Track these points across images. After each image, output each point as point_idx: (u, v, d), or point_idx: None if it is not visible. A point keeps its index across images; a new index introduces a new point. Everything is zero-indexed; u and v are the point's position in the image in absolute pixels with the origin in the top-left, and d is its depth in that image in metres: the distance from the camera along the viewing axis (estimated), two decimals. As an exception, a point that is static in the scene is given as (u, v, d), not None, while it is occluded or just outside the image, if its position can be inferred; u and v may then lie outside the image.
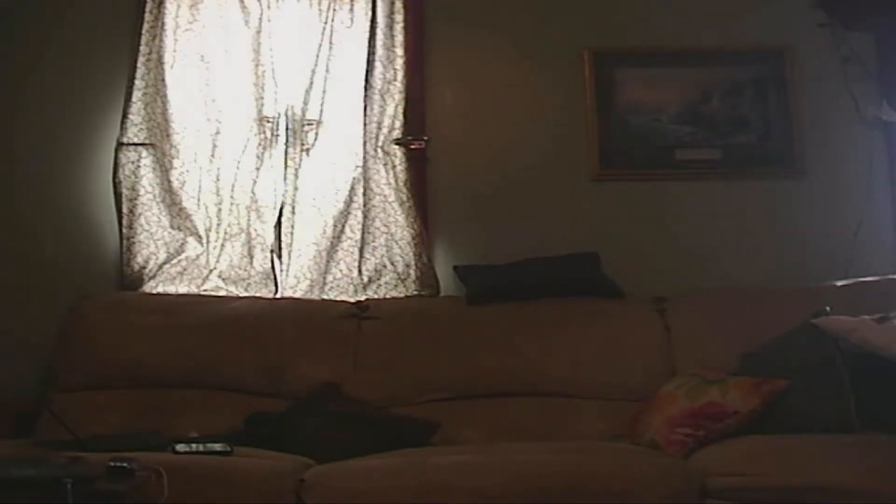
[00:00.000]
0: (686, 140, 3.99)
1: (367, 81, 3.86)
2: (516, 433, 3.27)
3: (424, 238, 3.82)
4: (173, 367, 3.44)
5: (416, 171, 3.89)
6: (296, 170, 3.81)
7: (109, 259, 3.81)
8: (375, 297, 3.77)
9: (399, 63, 3.89)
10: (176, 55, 3.82)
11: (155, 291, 3.71)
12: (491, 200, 3.93)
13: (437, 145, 3.95)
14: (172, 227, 3.78)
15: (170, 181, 3.77)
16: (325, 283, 3.78)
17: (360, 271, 3.79)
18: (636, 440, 3.05)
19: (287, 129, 3.86)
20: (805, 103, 3.99)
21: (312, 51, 3.84)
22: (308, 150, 3.84)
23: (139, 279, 3.73)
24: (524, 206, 3.92)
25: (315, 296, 3.75)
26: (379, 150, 3.86)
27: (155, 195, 3.78)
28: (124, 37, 3.88)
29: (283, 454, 2.91)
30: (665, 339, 3.50)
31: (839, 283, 3.55)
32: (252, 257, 3.78)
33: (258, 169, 3.81)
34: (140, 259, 3.74)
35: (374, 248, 3.82)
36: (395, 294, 3.79)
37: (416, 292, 3.79)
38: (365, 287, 3.78)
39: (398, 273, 3.81)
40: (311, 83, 3.83)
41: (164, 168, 3.78)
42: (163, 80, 3.79)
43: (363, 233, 3.81)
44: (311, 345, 3.51)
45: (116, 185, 3.77)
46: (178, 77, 3.81)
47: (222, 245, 3.79)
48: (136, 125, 3.80)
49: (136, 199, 3.77)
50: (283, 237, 3.81)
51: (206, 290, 3.72)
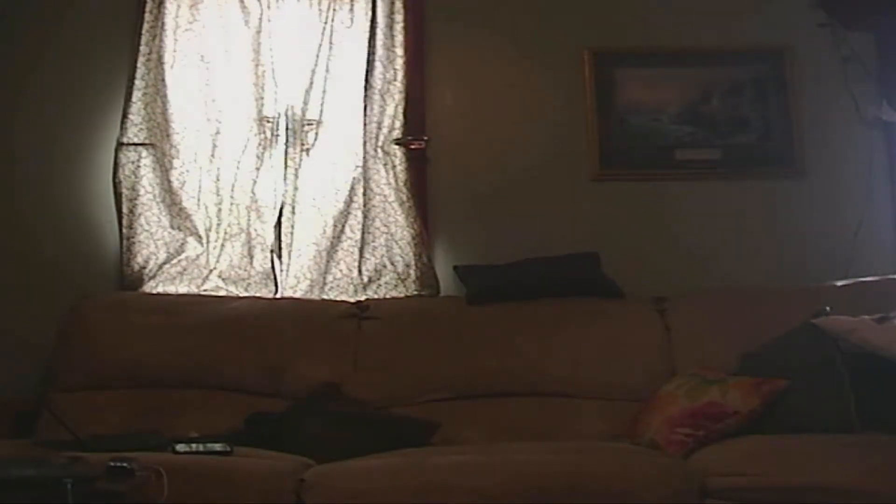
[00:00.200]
0: (686, 140, 3.99)
1: (367, 81, 3.86)
2: (516, 433, 3.27)
3: (424, 238, 3.82)
4: (173, 367, 3.44)
5: (416, 171, 3.89)
6: (296, 170, 3.81)
7: (109, 259, 3.81)
8: (375, 297, 3.77)
9: (399, 63, 3.89)
10: (176, 55, 3.82)
11: (155, 291, 3.71)
12: (491, 200, 3.93)
13: (437, 145, 3.95)
14: (172, 227, 3.78)
15: (170, 181, 3.77)
16: (325, 283, 3.78)
17: (360, 271, 3.79)
18: (636, 440, 3.05)
19: (287, 129, 3.86)
20: (805, 103, 4.00)
21: (312, 51, 3.84)
22: (308, 150, 3.84)
23: (139, 279, 3.73)
24: (524, 206, 3.92)
25: (315, 296, 3.75)
26: (379, 150, 3.86)
27: (155, 195, 3.78)
28: (124, 37, 3.88)
29: (283, 454, 2.91)
30: (665, 339, 3.50)
31: (839, 283, 3.55)
32: (252, 257, 3.78)
33: (258, 169, 3.81)
34: (140, 259, 3.74)
35: (374, 248, 3.82)
36: (395, 294, 3.79)
37: (416, 292, 3.79)
38: (365, 287, 3.78)
39: (398, 273, 3.81)
40: (311, 83, 3.83)
41: (164, 168, 3.78)
42: (163, 80, 3.79)
43: (363, 233, 3.81)
44: (311, 345, 3.51)
45: (116, 185, 3.77)
46: (178, 77, 3.81)
47: (222, 245, 3.79)
48: (136, 125, 3.80)
49: (136, 199, 3.77)
50: (283, 237, 3.81)
51: (206, 290, 3.72)
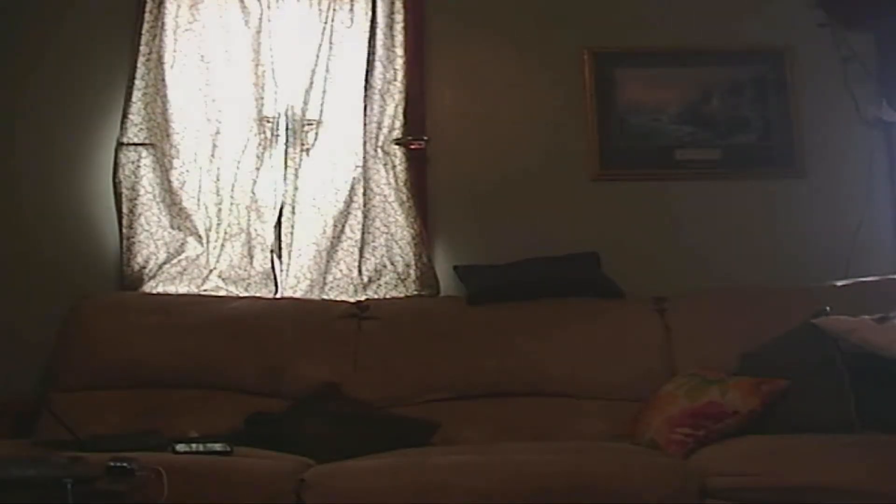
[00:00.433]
0: (686, 140, 3.99)
1: (367, 81, 3.85)
2: (516, 433, 3.26)
3: (424, 238, 3.82)
4: (173, 367, 3.44)
5: (416, 171, 3.89)
6: (296, 170, 3.81)
7: (109, 259, 3.81)
8: (375, 297, 3.77)
9: (399, 63, 3.89)
10: (176, 55, 3.82)
11: (155, 291, 3.71)
12: (491, 200, 3.93)
13: (437, 145, 3.95)
14: (172, 227, 3.78)
15: (170, 181, 3.77)
16: (325, 283, 3.78)
17: (360, 271, 3.79)
18: (636, 440, 3.05)
19: (287, 129, 3.86)
20: (805, 103, 4.00)
21: (312, 51, 3.84)
22: (308, 150, 3.84)
23: (139, 279, 3.73)
24: (524, 206, 3.92)
25: (315, 296, 3.75)
26: (379, 150, 3.85)
27: (155, 195, 3.78)
28: (124, 37, 3.88)
29: (283, 454, 2.91)
30: (665, 339, 3.50)
31: (839, 283, 3.55)
32: (252, 257, 3.78)
33: (258, 169, 3.81)
34: (140, 259, 3.74)
35: (374, 248, 3.82)
36: (395, 294, 3.79)
37: (416, 292, 3.79)
38: (365, 287, 3.78)
39: (398, 273, 3.81)
40: (311, 83, 3.83)
41: (164, 168, 3.78)
42: (163, 80, 3.79)
43: (363, 233, 3.81)
44: (311, 345, 3.51)
45: (116, 185, 3.77)
46: (178, 77, 3.81)
47: (222, 245, 3.79)
48: (136, 125, 3.80)
49: (136, 199, 3.76)
50: (283, 237, 3.81)
51: (206, 290, 3.72)
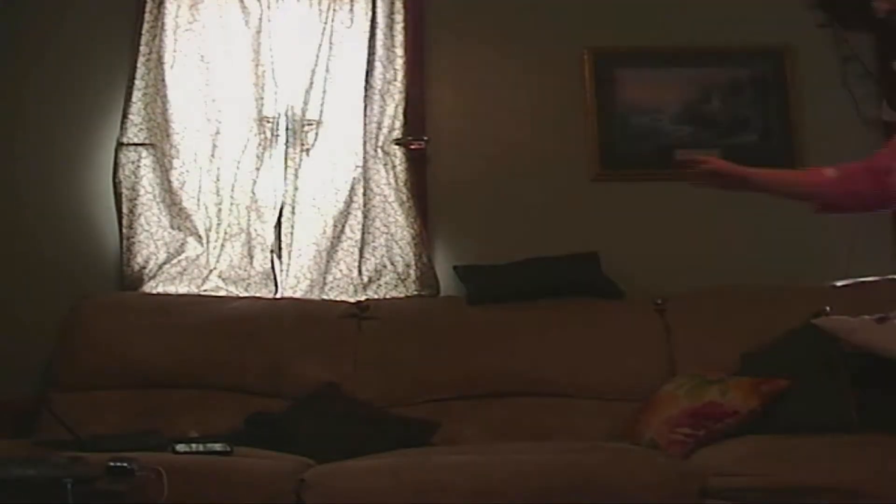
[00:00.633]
0: (686, 140, 3.99)
1: (367, 81, 3.85)
2: (516, 433, 3.26)
3: (424, 238, 3.82)
4: (173, 367, 3.44)
5: (416, 171, 3.89)
6: (296, 170, 3.81)
7: (109, 259, 3.81)
8: (375, 297, 3.77)
9: (399, 63, 3.89)
10: (176, 55, 3.81)
11: (155, 291, 3.71)
12: (491, 200, 3.93)
13: (437, 145, 3.94)
14: (172, 227, 3.78)
15: (170, 181, 3.77)
16: (325, 283, 3.78)
17: (360, 271, 3.79)
18: (636, 440, 3.05)
19: (287, 129, 3.85)
20: (805, 103, 3.99)
21: (312, 51, 3.84)
22: (308, 150, 3.84)
23: (139, 279, 3.73)
24: (524, 206, 3.92)
25: (315, 296, 3.75)
26: (379, 150, 3.85)
27: (155, 195, 3.78)
28: (124, 37, 3.87)
29: (283, 454, 2.91)
30: (665, 339, 3.50)
31: (839, 283, 3.55)
32: (252, 257, 3.78)
33: (258, 169, 3.81)
34: (140, 259, 3.74)
35: (374, 248, 3.82)
36: (395, 294, 3.78)
37: (416, 292, 3.79)
38: (365, 287, 3.78)
39: (398, 273, 3.80)
40: (311, 83, 3.83)
41: (164, 168, 3.78)
42: (163, 80, 3.79)
43: (363, 233, 3.81)
44: (311, 345, 3.51)
45: (116, 185, 3.76)
46: (178, 77, 3.81)
47: (222, 245, 3.79)
48: (136, 125, 3.80)
49: (136, 199, 3.76)
50: (283, 237, 3.81)
51: (206, 290, 3.72)
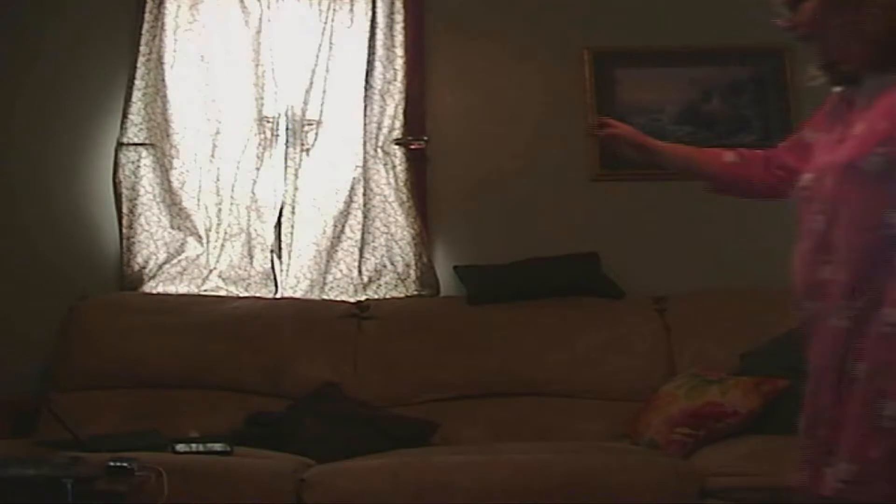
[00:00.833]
0: (686, 140, 3.96)
1: (367, 81, 3.85)
2: (516, 433, 3.27)
3: (424, 238, 3.82)
4: (173, 367, 3.44)
5: (416, 171, 3.89)
6: (296, 170, 3.81)
7: (109, 259, 3.80)
8: (375, 297, 3.77)
9: (399, 63, 3.89)
10: (176, 55, 3.81)
11: (155, 291, 3.71)
12: (491, 200, 3.92)
13: (437, 145, 3.94)
14: (172, 227, 3.78)
15: (170, 181, 3.77)
16: (325, 283, 3.78)
17: (360, 271, 3.79)
18: (636, 440, 3.05)
19: (287, 129, 3.85)
20: (805, 103, 3.99)
21: (312, 51, 3.84)
22: (308, 150, 3.83)
23: (139, 279, 3.73)
24: (524, 206, 3.91)
25: (315, 296, 3.75)
26: (379, 150, 3.85)
27: (155, 195, 3.78)
28: (124, 37, 3.87)
29: (283, 454, 2.91)
30: (665, 339, 3.50)
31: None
32: (252, 257, 3.78)
33: (258, 169, 3.80)
34: (140, 259, 3.74)
35: (374, 248, 3.82)
36: (395, 294, 3.78)
37: (416, 292, 3.79)
38: (365, 287, 3.78)
39: (398, 273, 3.80)
40: (311, 83, 3.83)
41: (164, 168, 3.78)
42: (163, 80, 3.79)
43: (363, 233, 3.80)
44: (311, 345, 3.51)
45: (116, 185, 3.76)
46: (178, 77, 3.81)
47: (222, 245, 3.79)
48: (136, 125, 3.80)
49: (136, 199, 3.76)
50: (283, 237, 3.81)
51: (206, 290, 3.72)
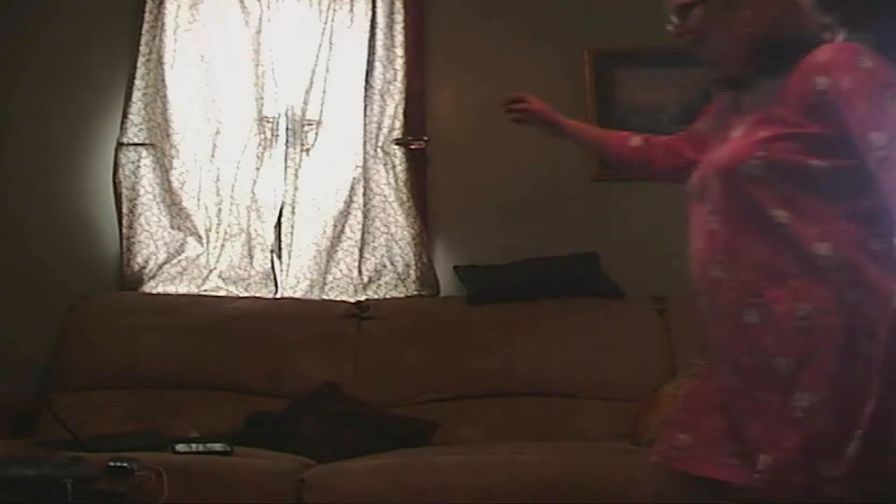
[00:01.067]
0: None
1: (367, 81, 3.85)
2: (516, 433, 3.27)
3: (424, 238, 3.82)
4: (173, 367, 3.44)
5: (416, 171, 3.89)
6: (296, 170, 3.81)
7: (109, 259, 3.80)
8: (375, 297, 3.77)
9: (399, 63, 3.89)
10: (176, 55, 3.81)
11: (155, 291, 3.70)
12: (491, 200, 3.92)
13: (437, 145, 3.94)
14: (172, 227, 3.78)
15: (170, 181, 3.77)
16: (325, 283, 3.78)
17: (360, 271, 3.79)
18: (636, 440, 3.05)
19: (287, 129, 3.85)
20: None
21: (312, 51, 3.84)
22: (308, 150, 3.84)
23: (139, 279, 3.73)
24: (524, 206, 3.91)
25: (315, 296, 3.75)
26: (379, 150, 3.85)
27: (155, 195, 3.78)
28: (124, 37, 3.87)
29: (283, 454, 2.91)
30: (665, 339, 3.50)
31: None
32: (252, 257, 3.78)
33: (258, 169, 3.80)
34: (140, 259, 3.74)
35: (374, 248, 3.82)
36: (395, 294, 3.78)
37: (416, 292, 3.79)
38: (365, 287, 3.78)
39: (398, 273, 3.81)
40: (311, 83, 3.83)
41: (164, 168, 3.78)
42: (163, 80, 3.79)
43: (363, 233, 3.81)
44: (311, 345, 3.51)
45: (116, 185, 3.76)
46: (178, 77, 3.81)
47: (222, 245, 3.79)
48: (136, 125, 3.80)
49: (136, 199, 3.76)
50: (283, 237, 3.81)
51: (206, 290, 3.72)
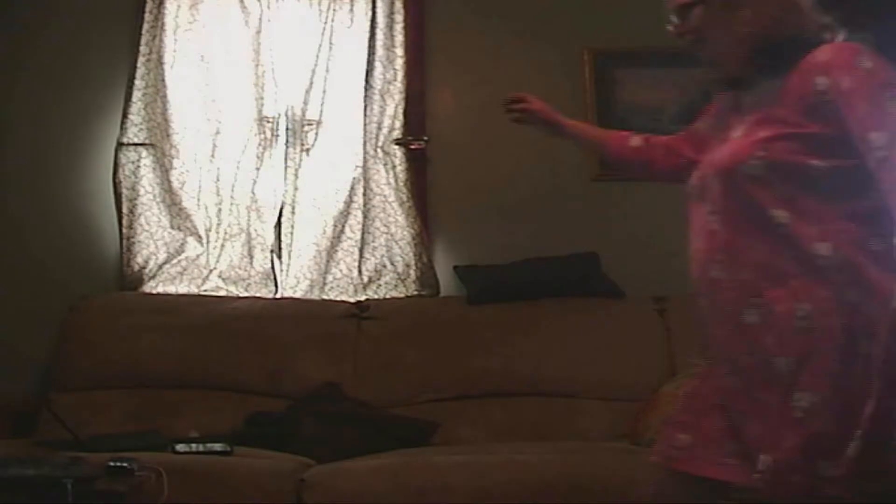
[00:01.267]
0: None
1: (367, 81, 3.85)
2: (516, 433, 3.27)
3: (424, 238, 3.82)
4: (173, 367, 3.44)
5: (416, 171, 3.89)
6: (296, 170, 3.81)
7: (109, 259, 3.80)
8: (375, 297, 3.77)
9: (399, 63, 3.89)
10: (176, 55, 3.81)
11: (155, 291, 3.70)
12: (491, 200, 3.92)
13: (437, 145, 3.94)
14: (172, 227, 3.78)
15: (170, 181, 3.77)
16: (325, 283, 3.78)
17: (360, 271, 3.79)
18: (636, 440, 3.05)
19: (287, 129, 3.86)
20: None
21: (312, 51, 3.84)
22: (308, 150, 3.84)
23: (139, 279, 3.73)
24: (524, 206, 3.91)
25: (315, 296, 3.75)
26: (379, 150, 3.85)
27: (155, 195, 3.78)
28: (124, 37, 3.87)
29: (283, 454, 2.91)
30: (665, 339, 3.50)
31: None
32: (252, 257, 3.78)
33: (258, 169, 3.80)
34: (140, 259, 3.74)
35: (374, 248, 3.82)
36: (395, 294, 3.78)
37: (416, 292, 3.79)
38: (365, 287, 3.78)
39: (398, 273, 3.80)
40: (311, 83, 3.83)
41: (164, 168, 3.78)
42: (163, 80, 3.78)
43: (363, 233, 3.81)
44: (311, 345, 3.51)
45: (116, 185, 3.76)
46: (178, 77, 3.81)
47: (222, 245, 3.79)
48: (136, 125, 3.80)
49: (136, 199, 3.76)
50: (283, 237, 3.81)
51: (206, 290, 3.72)
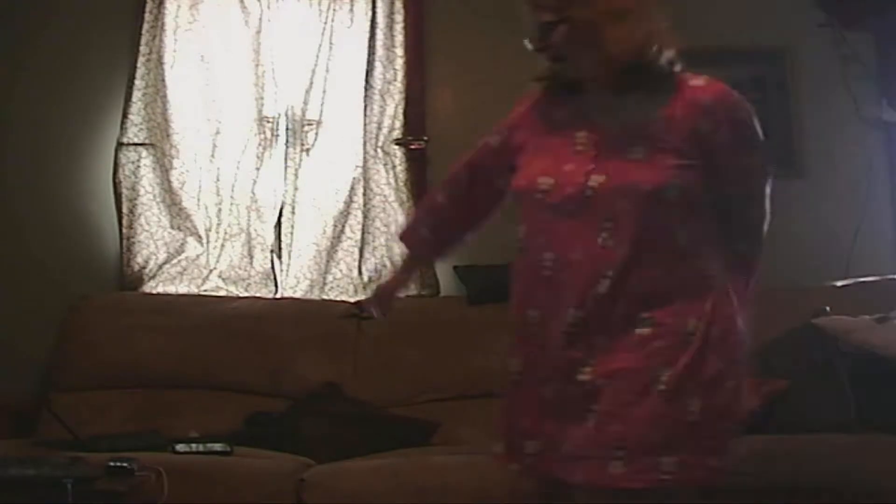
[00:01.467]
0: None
1: (367, 81, 3.85)
2: (516, 433, 3.26)
3: (424, 238, 3.82)
4: (173, 367, 3.44)
5: (416, 171, 3.89)
6: (296, 170, 3.81)
7: (109, 259, 3.80)
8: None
9: (399, 63, 3.89)
10: (176, 55, 3.81)
11: (155, 291, 3.70)
12: (491, 200, 3.92)
13: (437, 145, 3.94)
14: (172, 227, 3.78)
15: (170, 181, 3.77)
16: (325, 283, 3.78)
17: (360, 271, 3.79)
18: (636, 440, 3.04)
19: (287, 129, 3.86)
20: (805, 103, 3.99)
21: (312, 51, 3.84)
22: (308, 150, 3.84)
23: (139, 279, 3.73)
24: (524, 206, 3.91)
25: (315, 296, 3.75)
26: (379, 150, 3.85)
27: (155, 195, 3.78)
28: (124, 37, 3.87)
29: (283, 454, 2.91)
30: (664, 338, 3.50)
31: (839, 283, 3.54)
32: (252, 257, 3.78)
33: (258, 169, 3.80)
34: (140, 259, 3.74)
35: (374, 248, 3.82)
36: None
37: (416, 292, 3.79)
38: (365, 287, 3.78)
39: (398, 273, 3.80)
40: (311, 83, 3.83)
41: (164, 168, 3.78)
42: (163, 80, 3.78)
43: (363, 233, 3.81)
44: (311, 345, 3.51)
45: (116, 185, 3.76)
46: (178, 77, 3.81)
47: (222, 245, 3.79)
48: (136, 125, 3.80)
49: (136, 199, 3.76)
50: (283, 237, 3.81)
51: (206, 290, 3.72)
